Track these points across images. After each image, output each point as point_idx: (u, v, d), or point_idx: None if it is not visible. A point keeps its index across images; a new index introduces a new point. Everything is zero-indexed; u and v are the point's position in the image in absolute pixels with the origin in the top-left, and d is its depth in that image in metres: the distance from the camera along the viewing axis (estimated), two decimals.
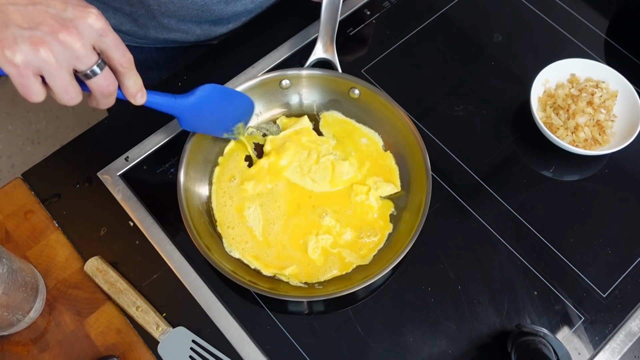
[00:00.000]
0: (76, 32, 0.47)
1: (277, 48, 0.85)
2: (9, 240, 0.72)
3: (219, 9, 0.82)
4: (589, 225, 0.73)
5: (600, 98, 0.76)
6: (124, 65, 0.52)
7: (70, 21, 0.47)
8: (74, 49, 0.47)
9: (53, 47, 0.46)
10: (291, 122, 0.78)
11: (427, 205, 0.67)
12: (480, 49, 0.87)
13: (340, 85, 0.77)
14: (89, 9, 0.49)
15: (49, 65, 0.47)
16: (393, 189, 0.73)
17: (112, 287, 0.68)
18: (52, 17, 0.47)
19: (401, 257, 0.64)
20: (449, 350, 0.66)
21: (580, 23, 0.89)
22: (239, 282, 0.64)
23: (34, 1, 0.47)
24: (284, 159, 0.74)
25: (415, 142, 0.72)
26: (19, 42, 0.46)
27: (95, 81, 0.51)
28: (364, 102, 0.77)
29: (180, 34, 0.87)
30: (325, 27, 0.78)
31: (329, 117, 0.79)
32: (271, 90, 0.77)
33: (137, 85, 0.55)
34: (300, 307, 0.69)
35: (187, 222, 0.67)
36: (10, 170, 1.76)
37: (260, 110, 0.78)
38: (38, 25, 0.46)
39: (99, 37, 0.49)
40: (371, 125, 0.77)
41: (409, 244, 0.65)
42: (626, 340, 0.67)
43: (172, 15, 0.82)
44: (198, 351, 0.65)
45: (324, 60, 0.79)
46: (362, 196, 0.72)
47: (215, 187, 0.74)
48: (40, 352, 0.66)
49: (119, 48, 0.51)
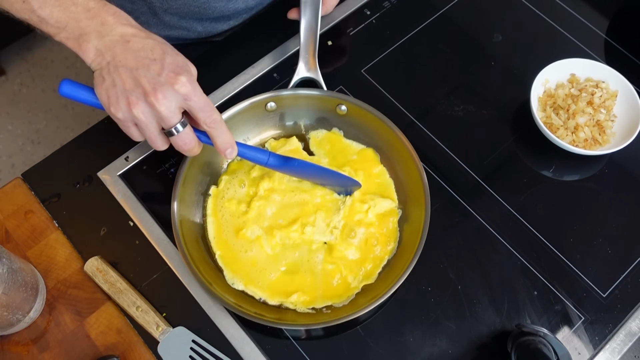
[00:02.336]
0: (162, 97, 0.55)
1: (277, 48, 0.85)
2: (9, 240, 0.72)
3: (220, 6, 0.82)
4: (589, 225, 0.74)
5: (600, 98, 0.76)
6: (210, 125, 0.59)
7: (161, 85, 0.55)
8: (158, 111, 0.56)
9: (142, 107, 0.56)
10: (280, 144, 0.76)
11: (427, 218, 0.66)
12: (480, 49, 0.87)
13: (326, 103, 0.75)
14: (180, 75, 0.56)
15: (140, 121, 0.57)
16: (391, 204, 0.72)
17: (112, 287, 0.68)
18: (148, 80, 0.55)
19: (406, 275, 0.63)
20: (449, 350, 0.66)
21: (580, 23, 0.89)
22: (244, 316, 0.62)
23: (138, 65, 0.55)
24: (276, 181, 0.72)
25: (408, 155, 0.70)
26: (120, 101, 0.56)
27: (175, 139, 0.59)
28: (352, 118, 0.75)
29: (182, 31, 0.87)
30: (306, 45, 0.77)
31: (318, 136, 0.77)
32: (257, 114, 0.75)
33: (226, 142, 0.61)
34: None
35: (185, 258, 0.65)
36: (10, 170, 1.76)
37: (248, 136, 0.77)
38: (136, 87, 0.55)
39: (184, 100, 0.56)
40: (362, 140, 0.76)
41: (414, 260, 0.64)
42: (626, 340, 0.67)
43: (174, 13, 0.82)
44: (198, 351, 0.65)
45: (308, 79, 0.77)
46: (361, 215, 0.71)
47: (212, 219, 0.72)
48: (40, 352, 0.66)
49: (204, 110, 0.58)
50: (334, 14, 0.87)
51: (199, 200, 0.73)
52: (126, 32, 0.57)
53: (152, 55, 0.56)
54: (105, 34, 0.57)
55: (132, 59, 0.55)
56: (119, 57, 0.56)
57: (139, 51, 0.56)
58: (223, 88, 0.81)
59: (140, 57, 0.56)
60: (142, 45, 0.56)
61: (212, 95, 0.81)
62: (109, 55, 0.56)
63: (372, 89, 0.82)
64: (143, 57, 0.56)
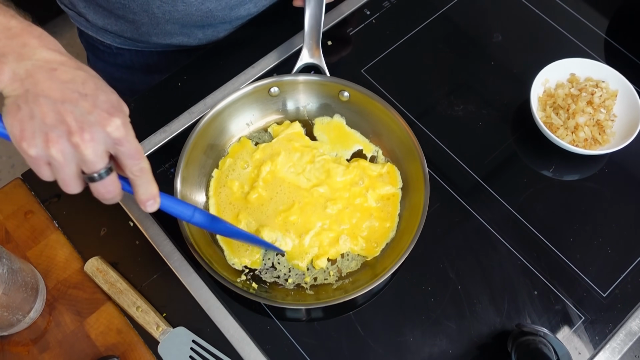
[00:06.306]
0: (90, 139, 0.48)
1: (278, 47, 0.85)
2: (9, 241, 0.72)
3: (222, 14, 0.82)
4: (589, 225, 0.73)
5: (600, 98, 0.76)
6: (136, 174, 0.52)
7: (89, 126, 0.48)
8: (83, 154, 0.48)
9: (63, 147, 0.48)
10: (282, 128, 0.77)
11: (426, 204, 0.67)
12: (480, 49, 0.87)
13: (329, 89, 0.76)
14: (113, 117, 0.49)
15: (56, 162, 0.49)
16: (391, 189, 0.73)
17: (112, 287, 0.68)
18: (74, 118, 0.48)
19: (401, 261, 0.64)
20: (449, 350, 0.66)
21: (580, 23, 0.89)
22: (249, 296, 0.64)
23: (65, 99, 0.48)
24: (279, 163, 0.73)
25: (410, 141, 0.71)
26: (36, 137, 0.48)
27: (96, 185, 0.51)
28: (355, 105, 0.76)
29: (183, 38, 0.87)
30: (310, 32, 0.78)
31: (322, 122, 0.78)
32: (260, 98, 0.76)
33: (148, 193, 0.54)
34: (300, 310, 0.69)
35: (187, 238, 0.66)
36: (10, 171, 1.76)
37: (252, 120, 0.77)
38: (59, 123, 0.47)
39: (113, 145, 0.50)
40: (364, 128, 0.77)
41: (410, 247, 0.65)
42: (626, 340, 0.67)
43: (176, 22, 0.82)
44: (198, 351, 0.65)
45: (312, 65, 0.79)
46: (360, 199, 0.72)
47: (213, 200, 0.73)
48: (41, 352, 0.66)
49: (133, 157, 0.51)
50: (334, 14, 0.87)
51: (201, 182, 0.74)
52: (53, 59, 0.49)
53: (83, 89, 0.49)
54: (27, 57, 0.49)
55: (57, 90, 0.48)
56: (42, 86, 0.48)
57: (68, 83, 0.48)
58: (223, 88, 0.81)
59: (69, 90, 0.48)
60: (72, 76, 0.49)
61: (212, 95, 0.81)
62: (29, 83, 0.48)
63: (372, 89, 0.82)
64: (72, 90, 0.48)
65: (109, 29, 0.87)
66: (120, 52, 0.93)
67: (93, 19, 0.87)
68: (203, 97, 0.81)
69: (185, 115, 0.79)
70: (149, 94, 0.82)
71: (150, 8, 0.78)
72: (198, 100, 0.80)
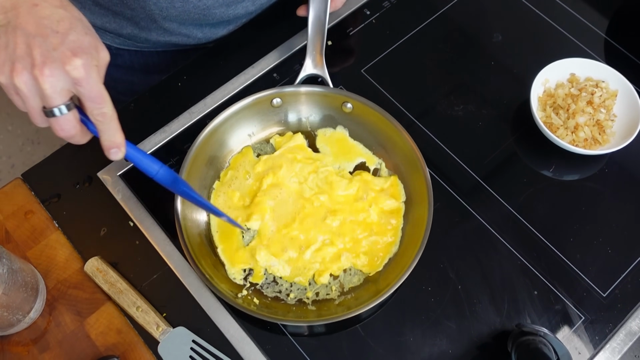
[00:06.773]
0: (49, 74, 0.49)
1: (278, 47, 0.85)
2: (9, 241, 0.72)
3: (220, 12, 0.82)
4: (589, 225, 0.74)
5: (600, 97, 0.76)
6: (98, 119, 0.53)
7: (52, 61, 0.49)
8: (41, 87, 0.50)
9: (25, 78, 0.50)
10: (284, 140, 0.76)
11: (430, 218, 0.66)
12: (480, 49, 0.87)
13: (331, 100, 0.75)
14: (76, 57, 0.50)
15: (21, 92, 0.51)
16: (394, 203, 0.72)
17: (112, 287, 0.68)
18: (40, 52, 0.49)
19: (404, 278, 0.63)
20: (449, 350, 0.66)
21: (580, 23, 0.89)
22: (245, 310, 0.63)
23: (37, 33, 0.50)
24: (280, 177, 0.73)
25: (414, 154, 0.70)
26: (5, 65, 0.50)
27: (52, 121, 0.53)
28: (358, 116, 0.75)
29: (182, 37, 0.87)
30: (313, 42, 0.77)
31: (325, 134, 0.77)
32: (263, 110, 0.75)
33: (111, 140, 0.55)
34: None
35: (187, 252, 0.66)
36: (10, 171, 1.76)
37: (254, 131, 0.77)
38: (26, 55, 0.50)
39: (73, 85, 0.51)
40: (368, 140, 0.76)
41: (413, 263, 0.64)
42: (626, 340, 0.67)
43: (174, 19, 0.82)
44: (198, 351, 0.65)
45: (315, 76, 0.78)
46: (364, 214, 0.71)
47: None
48: (41, 352, 0.66)
49: (94, 100, 0.52)
50: (334, 13, 0.87)
51: (202, 194, 0.73)
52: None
53: (57, 27, 0.51)
54: None
55: (33, 24, 0.50)
56: (21, 19, 0.50)
57: (44, 18, 0.51)
58: (223, 88, 0.81)
59: (43, 25, 0.50)
60: (50, 13, 0.51)
61: (212, 95, 0.81)
62: (12, 15, 0.51)
63: (372, 89, 0.82)
64: (46, 25, 0.50)
65: (108, 27, 0.87)
66: (119, 53, 0.92)
67: (91, 19, 0.87)
68: (203, 97, 0.81)
69: (185, 116, 0.79)
70: (148, 94, 0.82)
71: (147, 5, 0.78)
72: (198, 100, 0.80)
